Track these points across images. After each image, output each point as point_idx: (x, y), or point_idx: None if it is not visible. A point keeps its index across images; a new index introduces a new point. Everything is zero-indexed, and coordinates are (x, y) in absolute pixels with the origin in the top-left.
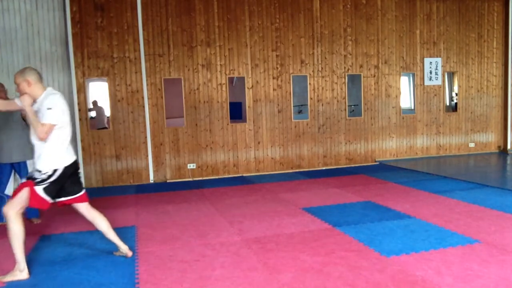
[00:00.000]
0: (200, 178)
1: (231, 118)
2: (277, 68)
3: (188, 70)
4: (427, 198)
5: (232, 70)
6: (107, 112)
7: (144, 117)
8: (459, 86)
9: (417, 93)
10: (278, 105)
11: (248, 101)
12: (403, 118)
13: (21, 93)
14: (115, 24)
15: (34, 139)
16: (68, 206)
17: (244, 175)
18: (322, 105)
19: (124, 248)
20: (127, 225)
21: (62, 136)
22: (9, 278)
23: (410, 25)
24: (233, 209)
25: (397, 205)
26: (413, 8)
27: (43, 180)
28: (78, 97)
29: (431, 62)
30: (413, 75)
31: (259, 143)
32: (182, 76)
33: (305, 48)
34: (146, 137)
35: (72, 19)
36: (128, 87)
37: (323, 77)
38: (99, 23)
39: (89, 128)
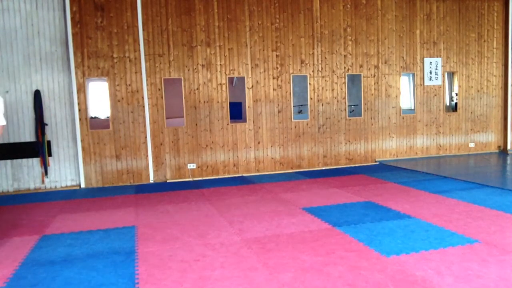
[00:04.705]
0: (200, 178)
1: (231, 118)
2: (277, 68)
3: (188, 70)
4: (427, 198)
5: (232, 70)
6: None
7: (144, 117)
8: (459, 86)
9: (417, 93)
10: (278, 105)
11: (248, 101)
12: (403, 118)
13: None
14: (115, 24)
15: None
16: (68, 206)
17: (244, 175)
18: (322, 105)
19: None
20: (127, 225)
21: None
22: None
23: (410, 25)
24: (233, 209)
25: (397, 205)
26: (413, 8)
27: None
28: (78, 97)
29: (431, 62)
30: (413, 75)
31: (259, 143)
32: (182, 76)
33: (305, 48)
34: (146, 137)
35: (72, 19)
36: (128, 87)
37: (323, 77)
38: (99, 23)
39: (89, 128)
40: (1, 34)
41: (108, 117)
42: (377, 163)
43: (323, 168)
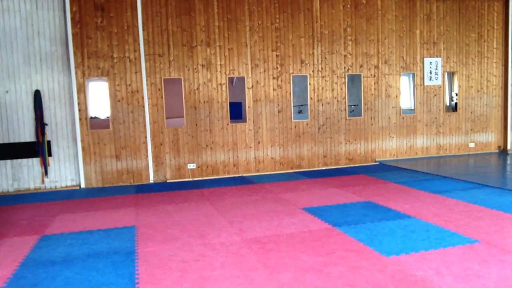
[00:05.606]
0: (200, 178)
1: (231, 118)
2: (277, 68)
3: (188, 70)
4: (427, 198)
5: (232, 70)
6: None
7: (144, 117)
8: (459, 86)
9: (417, 93)
10: (278, 105)
11: (248, 101)
12: (403, 118)
13: None
14: (115, 24)
15: None
16: (68, 206)
17: (244, 175)
18: (322, 105)
19: None
20: (127, 225)
21: None
22: None
23: (410, 25)
24: (233, 209)
25: (397, 205)
26: (413, 8)
27: None
28: (78, 97)
29: (431, 62)
30: (413, 75)
31: (259, 143)
32: (182, 76)
33: (305, 48)
34: (146, 137)
35: (72, 19)
36: (128, 87)
37: (323, 77)
38: (99, 23)
39: (89, 128)
40: (1, 34)
41: (108, 117)
42: (377, 163)
43: (323, 168)
